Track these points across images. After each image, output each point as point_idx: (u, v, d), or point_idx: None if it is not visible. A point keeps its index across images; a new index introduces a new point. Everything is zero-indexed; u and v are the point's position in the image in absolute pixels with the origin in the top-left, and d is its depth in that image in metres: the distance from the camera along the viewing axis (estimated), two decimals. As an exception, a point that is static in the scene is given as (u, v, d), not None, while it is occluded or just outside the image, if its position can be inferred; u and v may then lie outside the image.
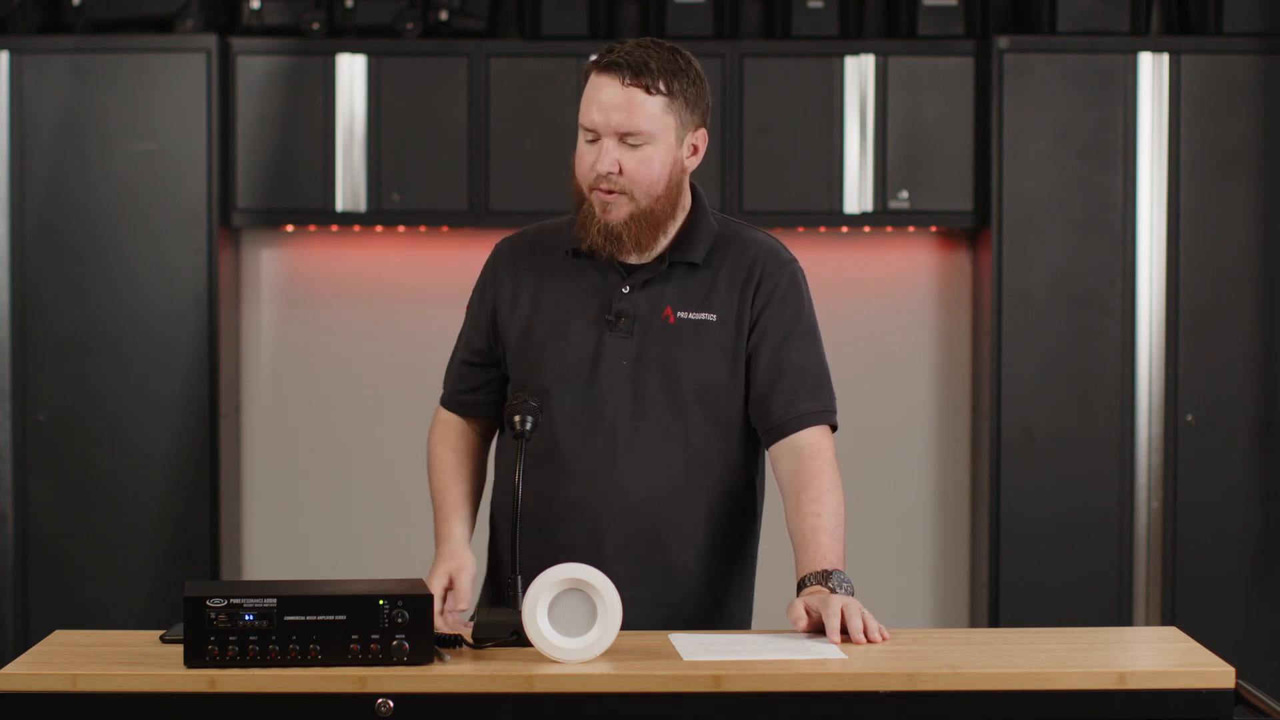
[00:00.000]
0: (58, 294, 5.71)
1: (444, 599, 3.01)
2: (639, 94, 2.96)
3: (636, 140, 2.97)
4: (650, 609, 3.02)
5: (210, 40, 5.68)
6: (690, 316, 3.03)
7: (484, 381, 3.17)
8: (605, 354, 3.02)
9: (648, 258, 3.05)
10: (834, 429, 3.06)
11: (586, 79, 3.03)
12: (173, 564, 5.71)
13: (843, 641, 2.77)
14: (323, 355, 6.08)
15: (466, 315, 3.22)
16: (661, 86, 2.97)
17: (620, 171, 2.97)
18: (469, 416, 3.20)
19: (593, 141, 2.99)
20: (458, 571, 3.04)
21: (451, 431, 3.20)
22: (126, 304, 5.70)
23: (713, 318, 3.03)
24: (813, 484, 2.98)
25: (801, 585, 2.92)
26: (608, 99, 2.97)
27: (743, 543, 3.12)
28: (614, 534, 3.02)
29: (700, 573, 3.06)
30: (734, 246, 3.07)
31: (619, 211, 2.99)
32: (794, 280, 3.07)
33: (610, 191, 2.98)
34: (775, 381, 3.02)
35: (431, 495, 3.17)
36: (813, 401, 3.03)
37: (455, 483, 3.16)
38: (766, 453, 3.09)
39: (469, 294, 3.26)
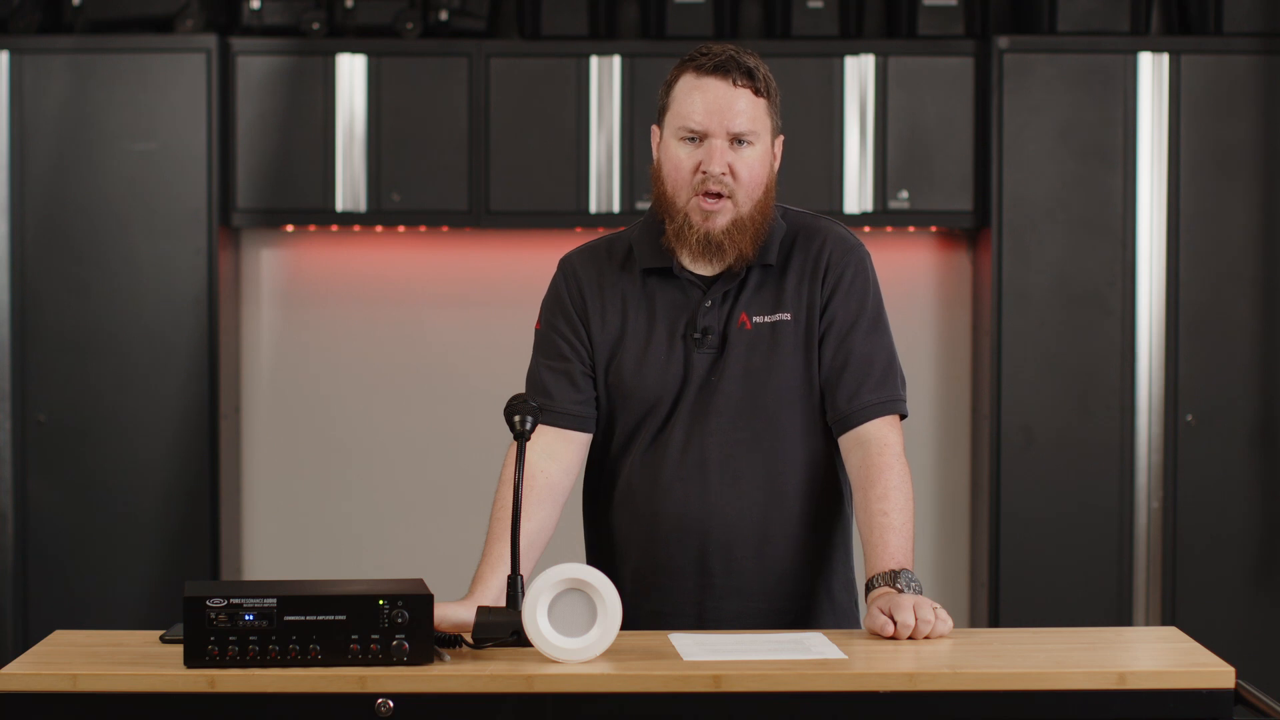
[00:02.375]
0: (58, 294, 5.71)
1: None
2: (748, 94, 2.93)
3: (747, 138, 2.93)
4: (766, 617, 3.02)
5: (210, 40, 5.68)
6: (765, 320, 3.00)
7: (595, 394, 3.06)
8: (694, 372, 3.00)
9: (720, 266, 3.01)
10: (904, 416, 3.03)
11: (675, 82, 2.97)
12: (173, 564, 5.71)
13: (911, 637, 2.77)
14: (323, 355, 6.08)
15: (542, 335, 3.09)
16: (763, 89, 2.95)
17: (731, 174, 2.93)
18: (581, 430, 3.06)
19: (693, 146, 2.94)
20: (461, 621, 2.89)
21: (530, 468, 2.99)
22: (126, 304, 5.71)
23: (787, 316, 3.00)
24: (879, 480, 2.94)
25: (870, 586, 2.90)
26: (719, 99, 2.92)
27: (841, 533, 3.11)
28: (719, 552, 3.01)
29: (809, 574, 3.05)
30: (800, 238, 3.04)
31: (722, 219, 2.94)
32: (861, 267, 3.03)
33: (719, 196, 2.93)
34: (841, 373, 2.99)
35: (488, 528, 3.00)
36: (877, 392, 2.99)
37: (506, 534, 2.91)
38: (838, 442, 3.04)
39: (469, 294, 3.24)
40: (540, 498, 3.00)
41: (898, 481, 2.95)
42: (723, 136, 2.93)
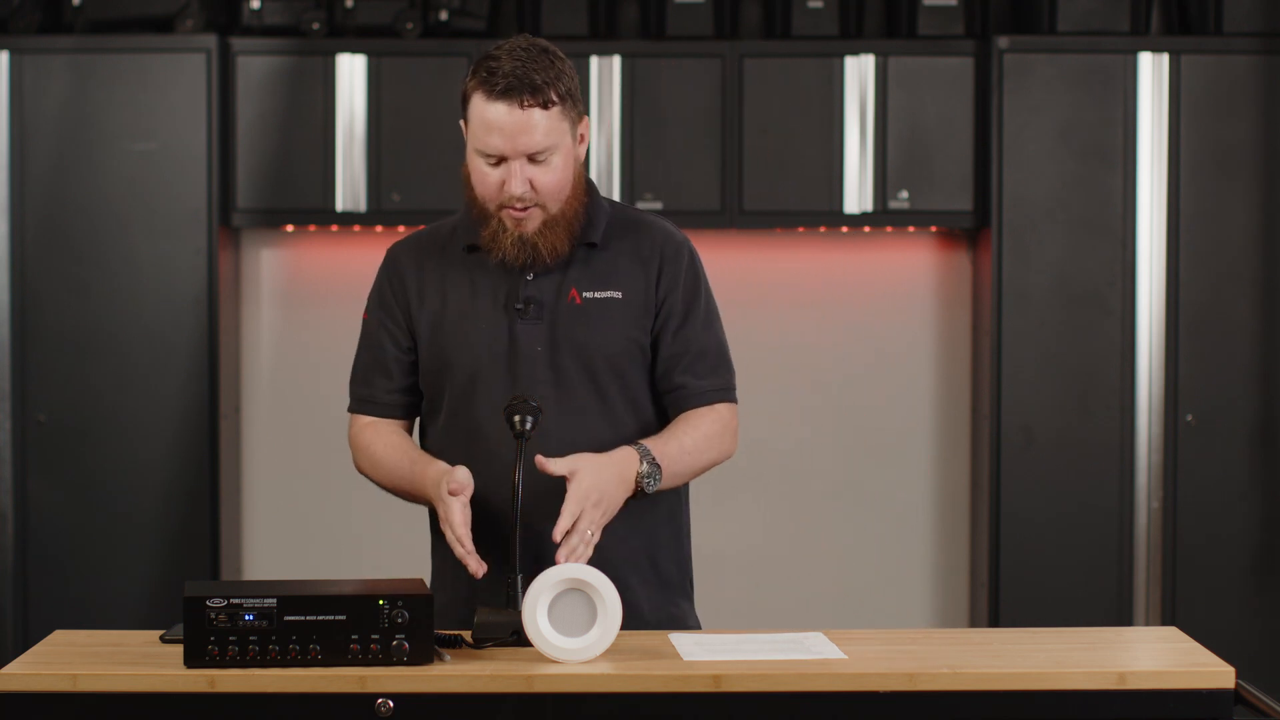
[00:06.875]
0: (58, 294, 5.71)
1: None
2: (537, 112, 2.99)
3: (543, 156, 3.00)
4: None
5: (210, 40, 5.68)
6: (596, 295, 3.08)
7: (407, 383, 3.19)
8: (519, 342, 3.06)
9: (538, 262, 3.08)
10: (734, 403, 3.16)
11: (469, 99, 3.05)
12: (173, 564, 5.71)
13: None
14: (323, 355, 6.08)
15: (366, 324, 3.24)
16: (553, 97, 3.01)
17: (533, 188, 3.01)
18: (393, 418, 3.21)
19: (495, 164, 3.02)
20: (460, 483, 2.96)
21: (384, 429, 3.19)
22: (126, 304, 5.71)
23: (618, 295, 3.08)
24: (690, 418, 3.07)
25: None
26: (510, 125, 2.99)
27: (673, 508, 3.16)
28: (536, 509, 2.99)
29: (634, 545, 3.07)
30: (629, 228, 3.14)
31: (532, 223, 3.03)
32: (691, 261, 3.14)
33: (525, 209, 3.02)
34: (678, 362, 3.09)
35: (394, 474, 3.11)
36: (713, 378, 3.11)
37: (415, 448, 3.13)
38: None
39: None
40: (410, 443, 3.17)
41: (709, 431, 3.07)
42: (519, 158, 3.00)
